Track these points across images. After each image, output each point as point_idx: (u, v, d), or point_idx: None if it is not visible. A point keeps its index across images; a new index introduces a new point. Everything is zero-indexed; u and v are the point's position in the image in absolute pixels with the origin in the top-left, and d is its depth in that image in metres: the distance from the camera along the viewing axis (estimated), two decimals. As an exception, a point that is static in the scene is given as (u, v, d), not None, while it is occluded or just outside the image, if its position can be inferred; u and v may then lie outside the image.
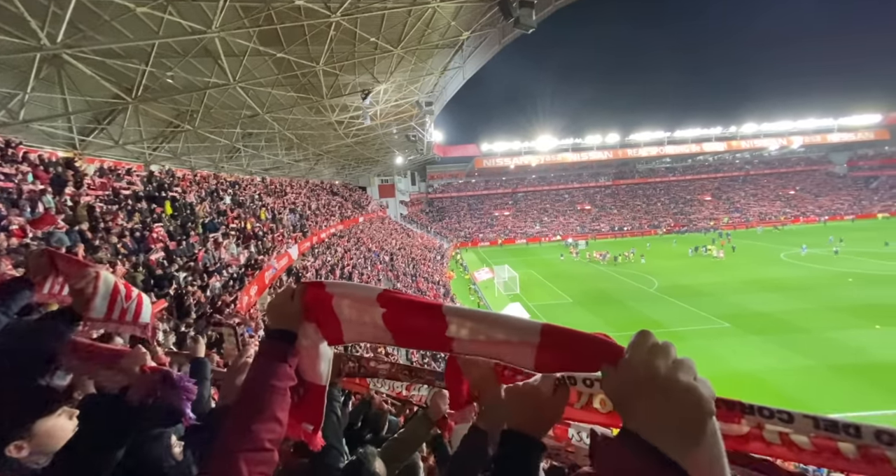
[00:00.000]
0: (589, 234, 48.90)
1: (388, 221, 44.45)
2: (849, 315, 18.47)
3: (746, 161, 61.53)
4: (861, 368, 13.99)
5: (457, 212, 58.38)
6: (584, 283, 28.18)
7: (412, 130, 24.05)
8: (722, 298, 22.42)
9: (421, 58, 14.33)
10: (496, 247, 48.33)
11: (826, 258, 29.66)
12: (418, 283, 23.41)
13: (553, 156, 56.92)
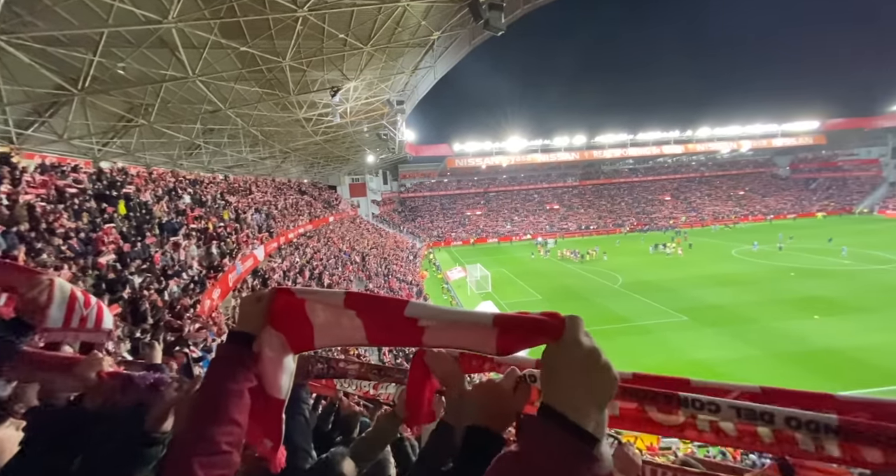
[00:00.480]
0: (557, 232, 50.30)
1: (360, 221, 43.79)
2: (791, 307, 20.06)
3: (702, 163, 65.36)
4: (802, 356, 15.24)
5: (429, 211, 58.36)
6: (553, 281, 28.98)
7: (383, 129, 23.81)
8: (680, 293, 23.72)
9: (391, 56, 14.21)
10: (469, 246, 48.75)
11: (772, 254, 32.05)
12: (391, 283, 23.23)
13: (523, 156, 58.06)
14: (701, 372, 14.75)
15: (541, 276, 30.51)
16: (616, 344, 17.84)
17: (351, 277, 21.40)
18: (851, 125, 55.91)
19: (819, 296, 21.26)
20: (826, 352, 15.26)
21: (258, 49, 10.99)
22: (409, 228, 51.36)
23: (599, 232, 50.96)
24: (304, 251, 22.04)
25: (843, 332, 16.71)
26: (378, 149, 32.74)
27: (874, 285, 22.29)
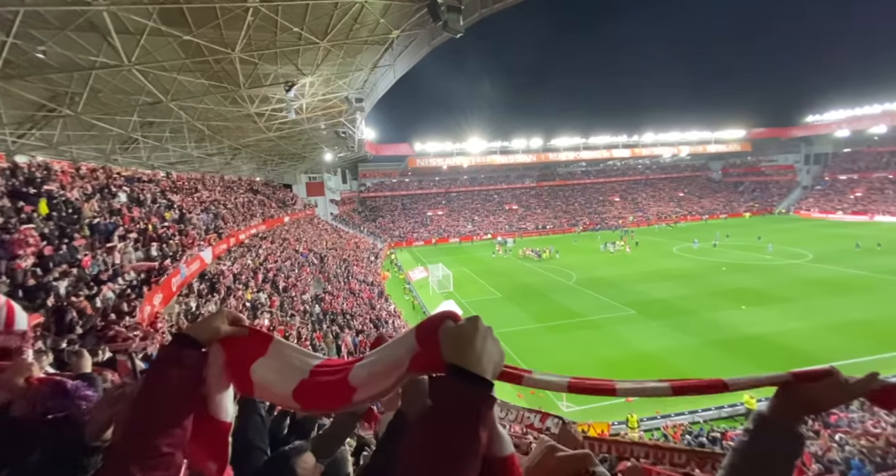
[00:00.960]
0: (516, 232, 51.71)
1: (318, 221, 42.39)
2: (723, 298, 22.06)
3: (647, 166, 70.05)
4: (732, 343, 16.81)
5: (391, 211, 57.73)
6: (512, 279, 29.79)
7: (342, 127, 23.22)
8: (628, 288, 25.28)
9: (350, 53, 13.91)
10: (430, 246, 48.82)
11: (707, 251, 35.03)
12: (351, 285, 22.73)
13: (483, 158, 59.07)
14: (648, 361, 15.87)
15: (501, 275, 31.23)
16: (571, 338, 18.69)
17: (308, 279, 20.69)
18: (771, 134, 62.45)
19: (746, 288, 23.57)
20: (752, 338, 16.96)
21: (204, 39, 10.32)
22: (370, 229, 50.51)
23: (556, 231, 53.02)
24: (258, 253, 20.99)
25: (766, 320, 18.65)
26: (337, 147, 31.89)
27: (791, 278, 25.07)
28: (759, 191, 62.81)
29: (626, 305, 22.12)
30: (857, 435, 9.95)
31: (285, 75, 13.93)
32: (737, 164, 68.99)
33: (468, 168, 61.34)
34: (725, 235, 40.23)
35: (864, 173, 53.50)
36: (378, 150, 52.06)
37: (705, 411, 12.61)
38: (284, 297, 16.44)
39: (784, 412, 0.92)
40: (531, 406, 13.16)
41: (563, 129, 59.98)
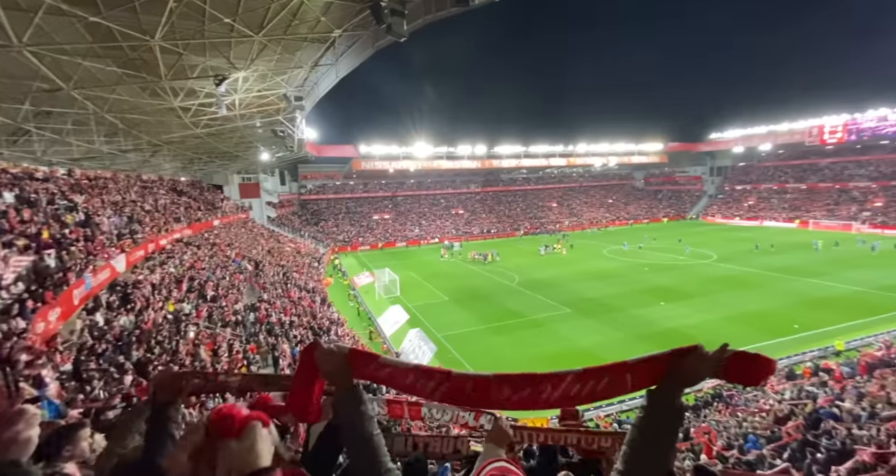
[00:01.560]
0: (463, 236, 52.67)
1: (253, 225, 39.67)
2: (645, 296, 24.31)
3: (580, 175, 75.32)
4: (653, 335, 18.58)
5: (334, 215, 55.79)
6: (459, 282, 30.27)
7: (280, 125, 22.04)
8: (565, 288, 26.90)
9: (288, 49, 13.27)
10: (377, 250, 47.94)
11: (633, 252, 38.43)
12: (290, 293, 21.53)
13: (430, 162, 59.45)
14: (582, 356, 16.94)
15: (447, 278, 31.57)
16: (514, 337, 19.41)
17: (241, 288, 19.24)
18: (683, 148, 70.42)
19: (664, 286, 26.23)
20: (669, 330, 18.90)
21: (117, 22, 9.23)
22: (312, 233, 48.34)
23: (500, 235, 54.86)
24: (182, 259, 19.12)
25: (680, 315, 20.90)
26: (274, 146, 30.17)
27: (700, 276, 28.37)
28: (674, 198, 70.44)
29: (563, 304, 23.50)
30: (751, 412, 11.50)
31: (215, 68, 12.94)
32: (656, 174, 76.81)
33: (415, 172, 61.34)
34: (653, 238, 44.49)
35: (755, 184, 62.36)
36: (320, 151, 50.14)
37: (632, 400, 13.78)
38: (213, 308, 15.14)
39: (665, 388, 1.07)
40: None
41: (505, 138, 62.47)
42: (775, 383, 13.46)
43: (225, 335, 13.37)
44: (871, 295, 22.20)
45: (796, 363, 15.24)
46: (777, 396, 11.88)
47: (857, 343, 16.44)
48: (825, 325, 18.45)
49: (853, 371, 13.15)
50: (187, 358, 10.27)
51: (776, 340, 17.29)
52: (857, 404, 9.65)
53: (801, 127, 54.70)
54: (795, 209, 52.65)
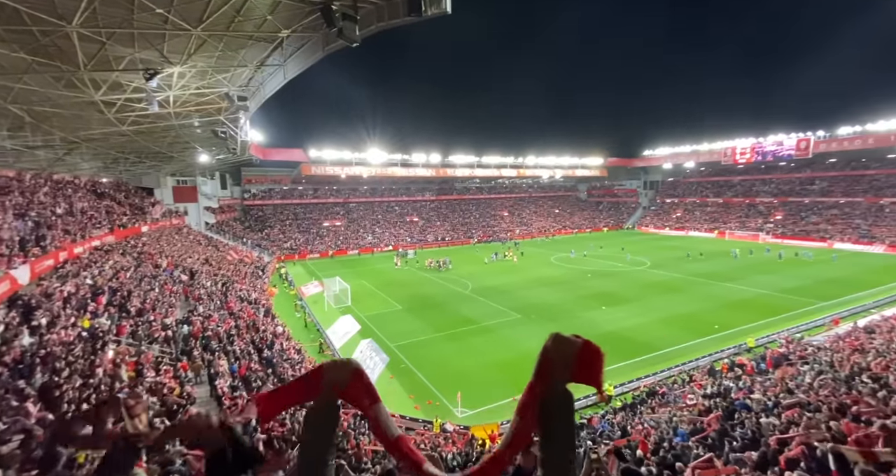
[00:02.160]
0: (417, 244, 52.51)
1: (188, 232, 36.61)
2: (589, 300, 25.73)
3: (530, 185, 78.63)
4: (595, 339, 19.29)
5: (281, 221, 53.12)
6: (412, 290, 30.04)
7: (221, 125, 20.69)
8: (515, 295, 27.71)
9: (231, 46, 12.57)
10: (327, 258, 46.26)
11: (578, 260, 40.61)
12: (229, 305, 20.03)
13: (384, 169, 58.85)
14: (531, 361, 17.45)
15: (401, 287, 31.21)
16: (467, 344, 19.59)
17: (173, 300, 17.59)
18: (621, 163, 76.22)
19: (605, 291, 27.96)
20: (609, 333, 20.11)
21: (25, 4, 8.20)
22: (256, 240, 45.59)
23: (454, 243, 55.42)
24: (102, 269, 17.14)
25: (618, 318, 22.36)
26: (214, 148, 28.21)
27: (636, 282, 30.62)
28: (613, 209, 75.78)
29: (513, 310, 24.17)
30: (679, 407, 12.50)
31: (146, 61, 11.91)
32: (598, 186, 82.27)
33: (368, 178, 60.35)
34: (599, 247, 47.31)
35: (682, 198, 68.93)
36: (267, 154, 47.75)
37: (576, 401, 14.42)
38: (139, 323, 13.67)
39: (551, 376, 1.20)
40: (428, 416, 13.33)
41: (459, 147, 63.69)
42: (699, 379, 14.79)
43: (152, 352, 12.10)
44: (775, 297, 25.30)
45: (716, 360, 16.89)
46: (700, 391, 13.04)
47: (765, 340, 18.62)
48: (739, 324, 20.68)
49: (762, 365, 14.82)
50: (105, 379, 9.14)
51: (700, 340, 19.06)
52: (764, 395, 10.85)
53: (719, 147, 61.61)
54: (714, 221, 58.88)
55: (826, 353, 14.04)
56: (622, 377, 15.81)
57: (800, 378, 11.61)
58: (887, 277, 28.87)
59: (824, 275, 30.61)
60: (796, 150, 52.43)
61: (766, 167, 60.74)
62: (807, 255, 38.07)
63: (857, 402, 7.99)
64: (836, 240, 43.70)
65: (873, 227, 43.73)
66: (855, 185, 51.31)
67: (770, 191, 59.08)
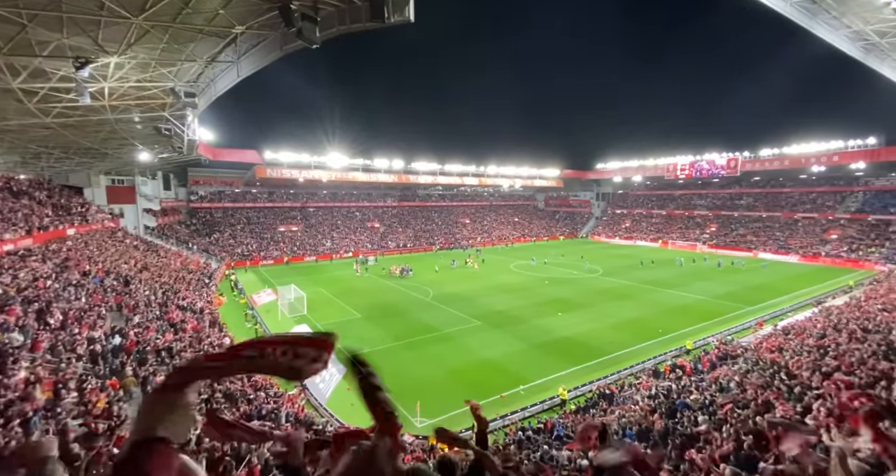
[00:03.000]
0: (378, 250, 51.64)
1: (125, 235, 33.52)
2: (545, 307, 26.52)
3: (491, 194, 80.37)
4: (551, 344, 20.27)
5: (231, 225, 50.15)
6: (373, 298, 29.41)
7: (165, 122, 19.25)
8: (475, 301, 27.98)
9: (178, 39, 11.77)
10: (282, 265, 44.18)
11: (536, 267, 41.85)
12: (170, 314, 18.46)
13: (344, 174, 57.56)
14: (490, 366, 17.67)
15: (361, 294, 30.45)
16: (426, 352, 19.44)
17: (103, 310, 15.92)
18: (576, 175, 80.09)
19: (561, 298, 28.99)
20: (564, 339, 20.83)
21: (-75, -28, 7.20)
22: (203, 245, 42.64)
23: (416, 250, 55.11)
24: (17, 277, 15.19)
25: (574, 324, 23.24)
26: (157, 146, 26.20)
27: (589, 288, 32.05)
28: (569, 219, 79.24)
29: (473, 317, 24.37)
30: (628, 408, 13.13)
31: (77, 49, 10.86)
32: (554, 196, 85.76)
33: (328, 183, 58.70)
34: (561, 255, 48.97)
35: (630, 209, 73.53)
36: (217, 154, 45.10)
37: (533, 406, 14.73)
38: (60, 336, 12.22)
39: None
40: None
41: (422, 154, 63.83)
42: (645, 380, 15.66)
43: (76, 370, 10.82)
44: (710, 303, 27.53)
45: (660, 362, 18.00)
46: (646, 392, 13.80)
47: (701, 342, 20.14)
48: (680, 328, 22.24)
49: (699, 366, 15.96)
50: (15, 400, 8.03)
51: (646, 343, 20.24)
52: (701, 394, 11.67)
53: (662, 163, 66.57)
54: (659, 231, 63.31)
55: (752, 353, 15.43)
56: (576, 381, 16.37)
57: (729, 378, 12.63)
58: (800, 284, 32.44)
59: (751, 282, 33.80)
60: (727, 168, 57.87)
61: (702, 183, 66.43)
62: (740, 264, 41.94)
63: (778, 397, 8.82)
64: (759, 250, 48.52)
65: (789, 238, 49.11)
66: (775, 201, 57.45)
67: (706, 204, 64.61)
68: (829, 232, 47.40)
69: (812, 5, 14.76)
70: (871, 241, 42.89)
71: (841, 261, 41.61)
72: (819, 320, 18.34)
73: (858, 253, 41.90)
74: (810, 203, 53.61)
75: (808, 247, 46.13)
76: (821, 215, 50.69)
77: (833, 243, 45.15)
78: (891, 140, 44.11)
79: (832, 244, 45.06)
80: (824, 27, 15.48)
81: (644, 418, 11.06)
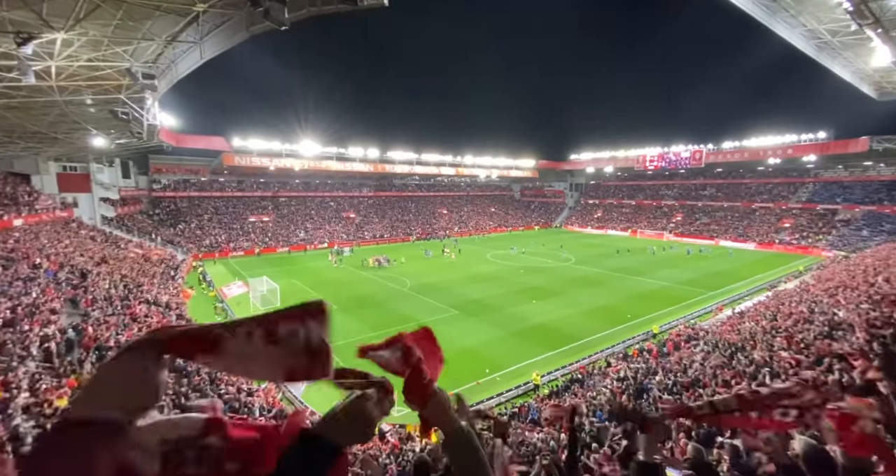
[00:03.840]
0: (354, 241, 50.91)
1: (80, 226, 31.48)
2: (520, 296, 27.08)
3: (468, 184, 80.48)
4: (526, 331, 20.78)
5: (198, 216, 48.02)
6: (350, 289, 29.08)
7: (122, 105, 18.01)
8: (453, 291, 28.21)
9: (133, 15, 10.95)
10: (253, 256, 42.83)
11: (512, 257, 42.53)
12: (133, 309, 17.61)
13: (318, 162, 55.99)
14: (469, 354, 17.95)
15: (337, 286, 30.04)
16: (403, 343, 19.45)
17: (56, 306, 14.98)
18: (550, 166, 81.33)
19: (536, 286, 29.66)
20: (539, 326, 21.40)
21: None
22: (168, 236, 40.69)
23: (393, 240, 54.70)
24: (-46, 272, 14.03)
25: (548, 311, 23.88)
26: (114, 130, 24.55)
27: (563, 276, 32.93)
28: (543, 209, 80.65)
29: (451, 307, 24.59)
30: (598, 390, 13.72)
31: (18, 23, 9.93)
32: (530, 187, 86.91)
33: (300, 172, 56.97)
34: (542, 244, 49.75)
35: (602, 199, 75.59)
36: (181, 141, 42.73)
37: (508, 392, 15.15)
38: (8, 334, 11.44)
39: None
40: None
41: (398, 143, 62.88)
42: (615, 364, 16.39)
43: (27, 369, 10.19)
44: (675, 289, 28.93)
45: (629, 346, 18.86)
46: (615, 375, 14.46)
47: (667, 327, 21.21)
48: (647, 313, 23.29)
49: (664, 349, 16.82)
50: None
51: (616, 328, 21.11)
52: (665, 376, 12.34)
53: (633, 154, 68.57)
54: (629, 221, 65.54)
55: (712, 336, 16.41)
56: (550, 366, 16.93)
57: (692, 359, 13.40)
58: (757, 270, 34.59)
59: (712, 268, 35.71)
60: (692, 159, 60.31)
61: (669, 174, 69.02)
62: (708, 252, 44.20)
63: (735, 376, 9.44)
64: (721, 238, 51.23)
65: (747, 227, 52.06)
66: (735, 191, 60.55)
67: (673, 195, 67.29)
68: (783, 221, 50.56)
69: (772, 3, 15.40)
70: (819, 230, 46.13)
71: (793, 248, 44.58)
72: (772, 304, 19.68)
73: (808, 240, 45.00)
74: (767, 193, 56.84)
75: (764, 235, 49.09)
76: (776, 205, 53.90)
77: (786, 231, 48.25)
78: (839, 134, 47.22)
79: (786, 232, 48.14)
80: (783, 25, 16.22)
81: (613, 400, 11.62)
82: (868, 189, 48.55)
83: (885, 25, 11.98)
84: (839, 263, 29.82)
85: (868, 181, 49.62)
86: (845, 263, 28.24)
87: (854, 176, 51.21)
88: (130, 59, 13.37)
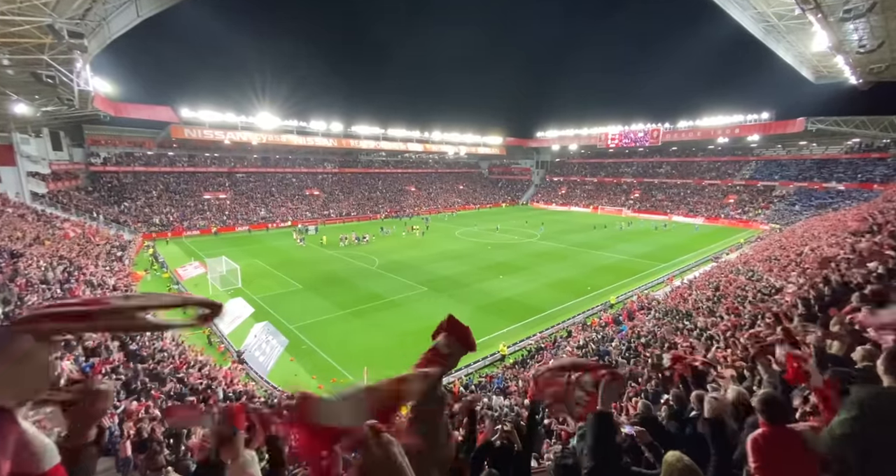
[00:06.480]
0: (319, 219, 49.45)
1: (4, 203, 28.30)
2: (487, 271, 27.74)
3: (436, 161, 79.56)
4: (493, 305, 21.47)
5: (146, 192, 44.56)
6: (316, 268, 28.53)
7: (46, 67, 15.97)
8: (421, 268, 28.41)
9: (51, -39, 9.58)
10: (210, 236, 40.69)
11: (479, 233, 43.14)
12: (74, 292, 16.36)
13: (277, 136, 53.00)
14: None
15: (302, 265, 29.34)
16: (373, 319, 19.64)
17: (-13, 293, 13.62)
18: (517, 143, 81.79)
19: (502, 262, 30.45)
20: (505, 300, 22.15)
21: None
22: (112, 215, 37.61)
23: (361, 218, 53.63)
24: None
25: (514, 285, 24.70)
26: (39, 96, 21.87)
27: (528, 252, 33.95)
28: (510, 186, 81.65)
29: (420, 284, 24.83)
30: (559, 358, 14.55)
31: None
32: (497, 164, 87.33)
33: (258, 146, 53.76)
34: (526, 222, 50.02)
35: (566, 177, 77.49)
36: (122, 110, 38.88)
37: (475, 363, 15.77)
38: (-70, 326, 10.34)
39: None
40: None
41: (363, 118, 60.72)
42: (575, 333, 17.41)
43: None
44: (632, 262, 30.72)
45: (588, 316, 20.04)
46: (575, 344, 15.40)
47: (623, 297, 22.65)
48: (606, 285, 24.69)
49: (619, 318, 18.01)
50: None
51: (577, 300, 22.28)
52: (621, 342, 13.30)
53: (596, 132, 70.18)
54: (591, 197, 67.92)
55: (663, 304, 17.75)
56: (515, 337, 17.72)
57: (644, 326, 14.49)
58: (704, 243, 37.32)
59: (665, 242, 38.11)
60: (650, 138, 62.73)
61: (629, 152, 71.58)
62: (664, 227, 46.90)
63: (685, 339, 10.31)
64: (674, 213, 54.46)
65: (697, 203, 55.59)
66: (688, 169, 64.00)
67: (631, 172, 70.12)
68: (729, 197, 54.36)
69: (728, -16, 15.90)
70: (759, 205, 50.11)
71: (736, 221, 48.28)
72: (715, 273, 21.45)
73: (749, 214, 48.86)
74: (715, 171, 60.58)
75: (712, 210, 52.71)
76: (723, 182, 57.68)
77: (731, 206, 52.03)
78: (780, 115, 50.59)
79: (730, 207, 51.91)
80: (735, 7, 16.83)
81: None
82: (801, 167, 52.93)
83: (825, 11, 12.75)
84: (774, 236, 32.76)
85: (801, 159, 54.02)
86: (778, 235, 31.09)
87: (790, 155, 55.52)
88: (52, 13, 11.78)
